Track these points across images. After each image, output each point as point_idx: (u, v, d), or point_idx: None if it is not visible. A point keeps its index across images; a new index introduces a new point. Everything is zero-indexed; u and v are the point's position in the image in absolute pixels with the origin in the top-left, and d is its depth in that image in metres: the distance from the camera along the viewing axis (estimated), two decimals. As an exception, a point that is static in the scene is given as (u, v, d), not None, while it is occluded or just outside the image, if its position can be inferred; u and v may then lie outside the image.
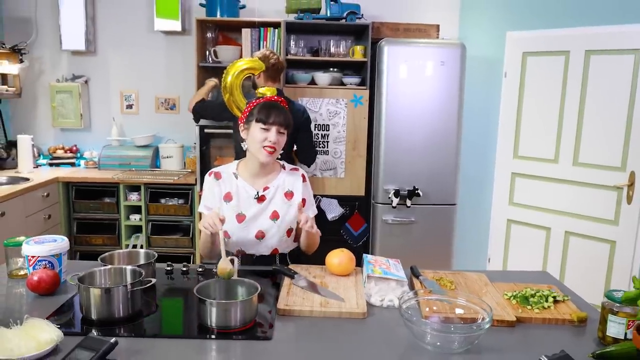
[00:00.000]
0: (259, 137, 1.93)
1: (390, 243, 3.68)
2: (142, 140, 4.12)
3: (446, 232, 3.71)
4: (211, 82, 3.56)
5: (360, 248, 3.77)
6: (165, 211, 3.83)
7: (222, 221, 1.78)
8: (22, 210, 3.29)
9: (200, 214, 2.09)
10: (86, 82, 4.17)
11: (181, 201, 3.87)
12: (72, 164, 4.12)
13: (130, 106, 4.24)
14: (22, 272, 1.79)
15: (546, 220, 3.60)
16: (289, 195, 2.04)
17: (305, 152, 3.28)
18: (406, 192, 3.57)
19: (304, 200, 2.06)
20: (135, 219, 3.84)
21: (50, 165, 4.09)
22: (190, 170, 4.05)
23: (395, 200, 3.56)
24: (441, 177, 3.64)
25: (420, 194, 3.57)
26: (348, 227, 3.77)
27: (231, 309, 1.44)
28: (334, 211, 3.71)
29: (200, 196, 3.67)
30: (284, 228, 2.02)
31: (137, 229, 3.93)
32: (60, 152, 4.13)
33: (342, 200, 3.76)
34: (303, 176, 2.10)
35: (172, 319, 1.59)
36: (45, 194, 3.54)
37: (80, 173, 3.91)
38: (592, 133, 3.32)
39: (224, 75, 2.88)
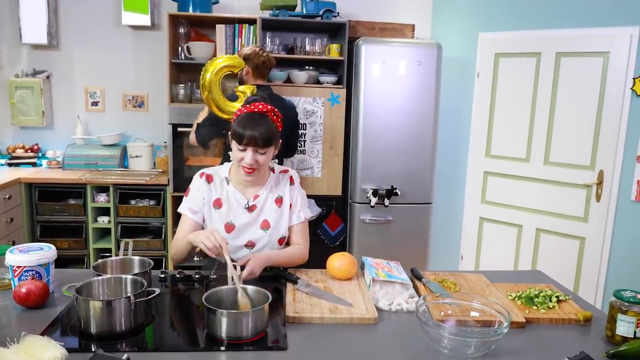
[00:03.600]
0: (237, 156, 1.81)
1: (368, 242, 3.68)
2: (109, 139, 3.95)
3: (422, 231, 3.75)
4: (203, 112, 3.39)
5: (338, 248, 3.75)
6: (136, 213, 3.69)
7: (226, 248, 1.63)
8: (-17, 214, 3.10)
9: (180, 215, 1.93)
10: (48, 77, 3.96)
11: (152, 202, 3.74)
12: (34, 164, 3.91)
13: (95, 103, 4.06)
14: (1, 284, 1.67)
15: (518, 217, 3.69)
16: (279, 201, 1.95)
17: (292, 149, 3.30)
18: (384, 192, 3.58)
19: (291, 205, 1.98)
20: (103, 221, 3.68)
21: (10, 165, 3.86)
22: (161, 170, 3.92)
23: (374, 200, 3.56)
24: (418, 176, 3.67)
25: (399, 193, 3.59)
26: (325, 227, 3.75)
27: (243, 319, 1.38)
28: (310, 211, 3.67)
29: (173, 197, 3.60)
30: (276, 237, 1.93)
31: (105, 232, 3.78)
32: (20, 152, 3.90)
33: (319, 200, 3.72)
34: (291, 178, 2.00)
35: (175, 330, 1.51)
36: (7, 196, 3.34)
37: (43, 173, 3.71)
38: (563, 133, 3.42)
39: (202, 72, 2.79)
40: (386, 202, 3.59)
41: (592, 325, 1.55)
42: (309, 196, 3.63)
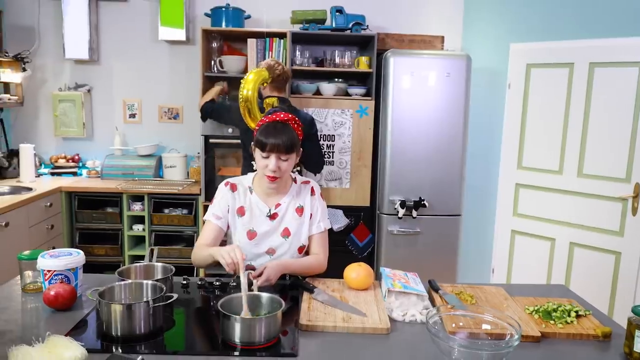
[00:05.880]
0: (260, 164, 1.88)
1: (396, 254, 3.67)
2: (145, 150, 4.10)
3: (451, 243, 3.71)
4: (219, 85, 3.60)
5: (366, 259, 3.76)
6: (169, 221, 3.80)
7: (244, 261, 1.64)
8: (26, 221, 3.25)
9: (204, 221, 2.00)
10: (89, 91, 4.15)
11: (185, 211, 3.85)
12: (74, 174, 4.09)
13: (133, 115, 4.22)
14: (34, 287, 1.76)
15: (551, 231, 3.61)
16: (300, 210, 1.99)
17: (311, 160, 3.27)
18: (412, 203, 3.57)
19: (311, 215, 2.01)
20: (138, 229, 3.81)
21: (52, 174, 4.06)
22: (194, 180, 4.03)
23: (402, 211, 3.55)
24: (446, 187, 3.64)
25: (427, 204, 3.57)
26: (353, 237, 3.76)
27: (256, 325, 1.42)
28: (339, 222, 3.70)
29: (205, 206, 3.69)
30: (296, 245, 1.97)
31: (140, 239, 3.90)
32: (62, 162, 4.10)
33: (347, 210, 3.75)
34: (312, 189, 2.04)
35: (192, 335, 1.57)
36: (49, 203, 3.51)
37: (82, 183, 3.87)
38: (597, 144, 3.34)
39: (240, 89, 2.87)
40: (414, 213, 3.58)
41: (611, 342, 1.52)
42: (337, 207, 3.72)
